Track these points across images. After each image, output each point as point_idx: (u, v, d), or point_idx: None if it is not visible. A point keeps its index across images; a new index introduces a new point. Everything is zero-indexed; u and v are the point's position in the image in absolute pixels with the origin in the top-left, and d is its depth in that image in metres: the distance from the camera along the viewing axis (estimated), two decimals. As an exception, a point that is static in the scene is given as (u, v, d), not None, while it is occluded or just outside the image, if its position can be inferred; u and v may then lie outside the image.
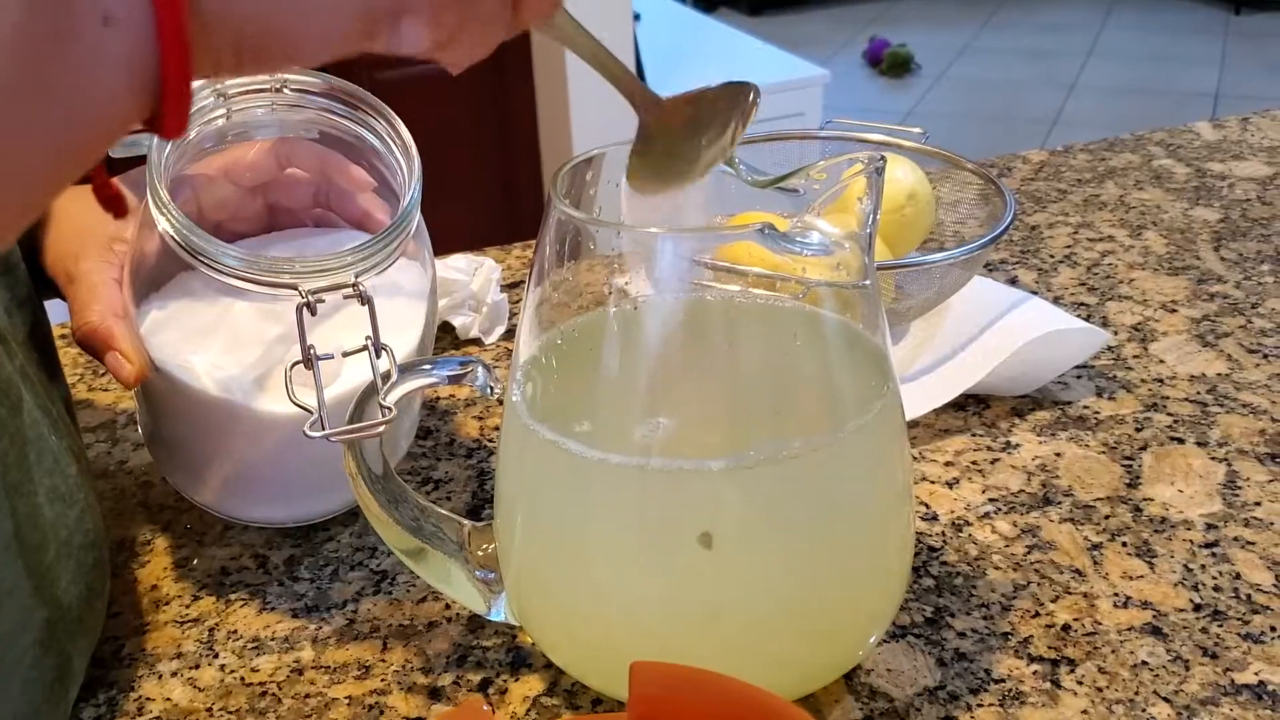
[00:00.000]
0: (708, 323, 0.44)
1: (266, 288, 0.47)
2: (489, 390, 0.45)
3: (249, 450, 0.53)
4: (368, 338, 0.45)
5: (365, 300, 0.46)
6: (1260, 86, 3.75)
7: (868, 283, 0.43)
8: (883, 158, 0.43)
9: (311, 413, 0.44)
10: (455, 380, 0.45)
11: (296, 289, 0.45)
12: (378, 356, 0.45)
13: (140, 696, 0.48)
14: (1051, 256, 0.82)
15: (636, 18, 3.52)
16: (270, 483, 0.55)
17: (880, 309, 0.45)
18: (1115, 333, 0.71)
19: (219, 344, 0.51)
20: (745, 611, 0.42)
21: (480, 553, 0.48)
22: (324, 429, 0.43)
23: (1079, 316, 0.72)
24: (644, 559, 0.42)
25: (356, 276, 0.46)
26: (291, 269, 0.46)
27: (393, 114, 0.52)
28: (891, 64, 4.06)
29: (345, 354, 0.46)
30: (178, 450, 0.56)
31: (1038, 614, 0.50)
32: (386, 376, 0.44)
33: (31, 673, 0.42)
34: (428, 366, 0.45)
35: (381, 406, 0.44)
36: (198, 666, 0.49)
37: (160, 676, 0.49)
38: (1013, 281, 0.78)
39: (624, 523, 0.42)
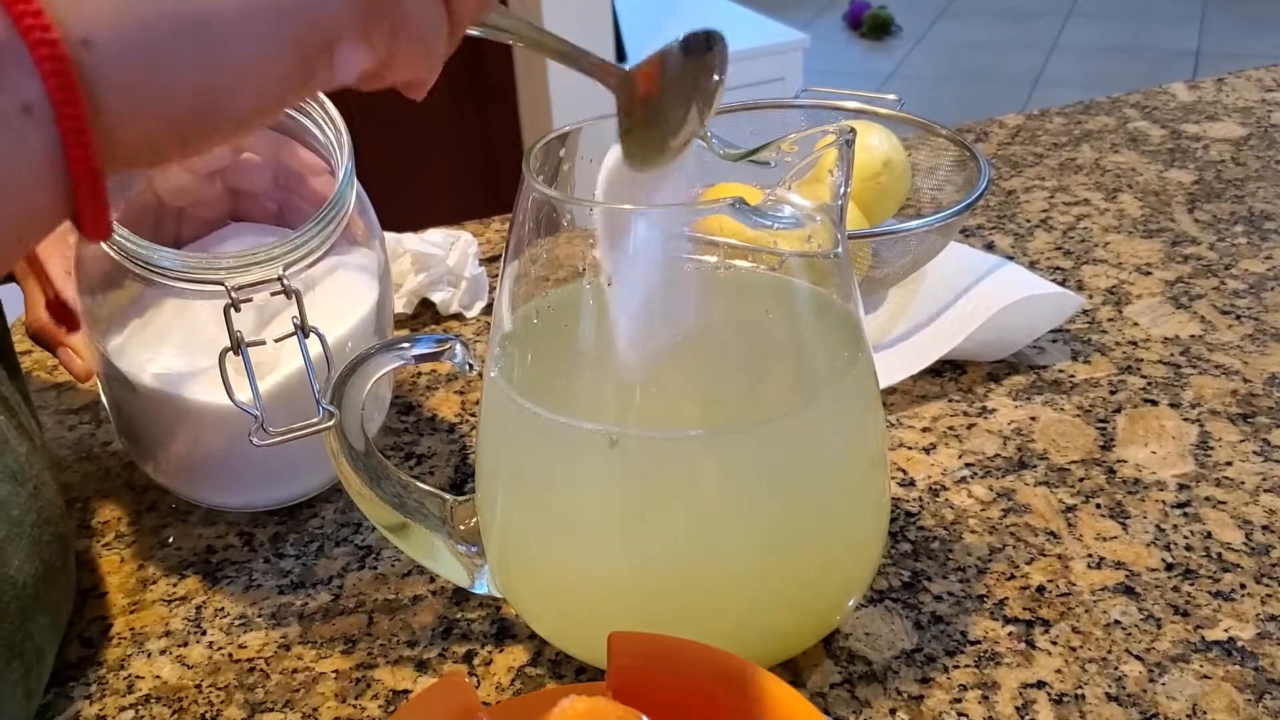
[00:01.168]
0: (682, 294, 0.45)
1: (196, 284, 0.47)
2: (467, 367, 0.45)
3: (207, 441, 0.53)
4: (294, 319, 0.45)
5: (290, 293, 0.46)
6: (1241, 43, 3.75)
7: (839, 252, 0.44)
8: (852, 130, 0.44)
9: (253, 414, 0.44)
10: (433, 358, 0.45)
11: (223, 285, 0.45)
12: (305, 338, 0.45)
13: (130, 675, 0.48)
14: (1028, 221, 0.82)
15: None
16: (235, 472, 0.55)
17: (853, 279, 0.46)
18: (1090, 296, 0.72)
19: (166, 338, 0.52)
20: (724, 579, 0.43)
21: (463, 527, 0.48)
22: (265, 432, 0.44)
23: (1055, 281, 0.73)
24: (622, 528, 0.43)
25: (285, 269, 0.46)
26: (218, 266, 0.46)
27: (321, 95, 0.52)
28: (872, 26, 4.04)
29: (277, 340, 0.47)
30: (141, 441, 0.56)
31: (1013, 576, 0.51)
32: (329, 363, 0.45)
33: None
34: (405, 345, 0.45)
35: (321, 406, 0.44)
36: (186, 644, 0.50)
37: (149, 655, 0.49)
38: (989, 247, 0.79)
39: (602, 492, 0.43)
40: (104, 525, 0.57)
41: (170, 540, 0.56)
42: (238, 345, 0.45)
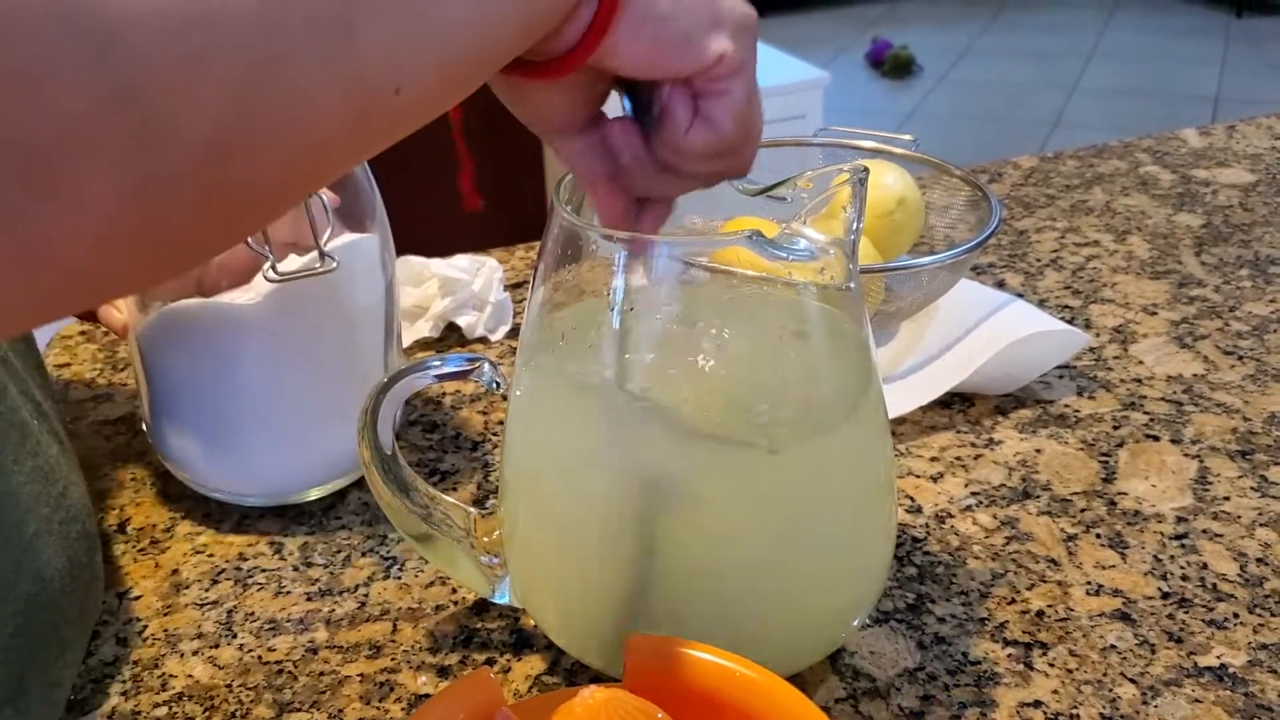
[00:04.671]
0: (701, 320, 0.47)
1: None
2: (494, 385, 0.47)
3: (222, 356, 0.57)
4: None
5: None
6: (1261, 89, 3.77)
7: (852, 285, 0.46)
8: (865, 169, 0.46)
9: (265, 254, 0.53)
10: (462, 376, 0.48)
11: None
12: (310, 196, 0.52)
13: (164, 673, 0.51)
14: (1038, 260, 0.84)
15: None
16: (238, 437, 0.59)
17: (864, 310, 0.48)
18: (1097, 334, 0.74)
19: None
20: (735, 594, 0.45)
21: (485, 539, 0.50)
22: (275, 271, 0.53)
23: (1063, 319, 0.75)
24: (637, 542, 0.45)
25: None
26: None
27: None
28: (893, 65, 4.09)
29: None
30: (158, 405, 0.60)
31: (1014, 600, 0.53)
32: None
33: (14, 640, 0.45)
34: (436, 364, 0.48)
35: (323, 254, 0.53)
36: (217, 646, 0.52)
37: (182, 655, 0.52)
38: (1000, 285, 0.81)
39: (619, 508, 0.45)
40: (139, 532, 0.60)
41: (205, 548, 0.58)
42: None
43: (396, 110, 0.31)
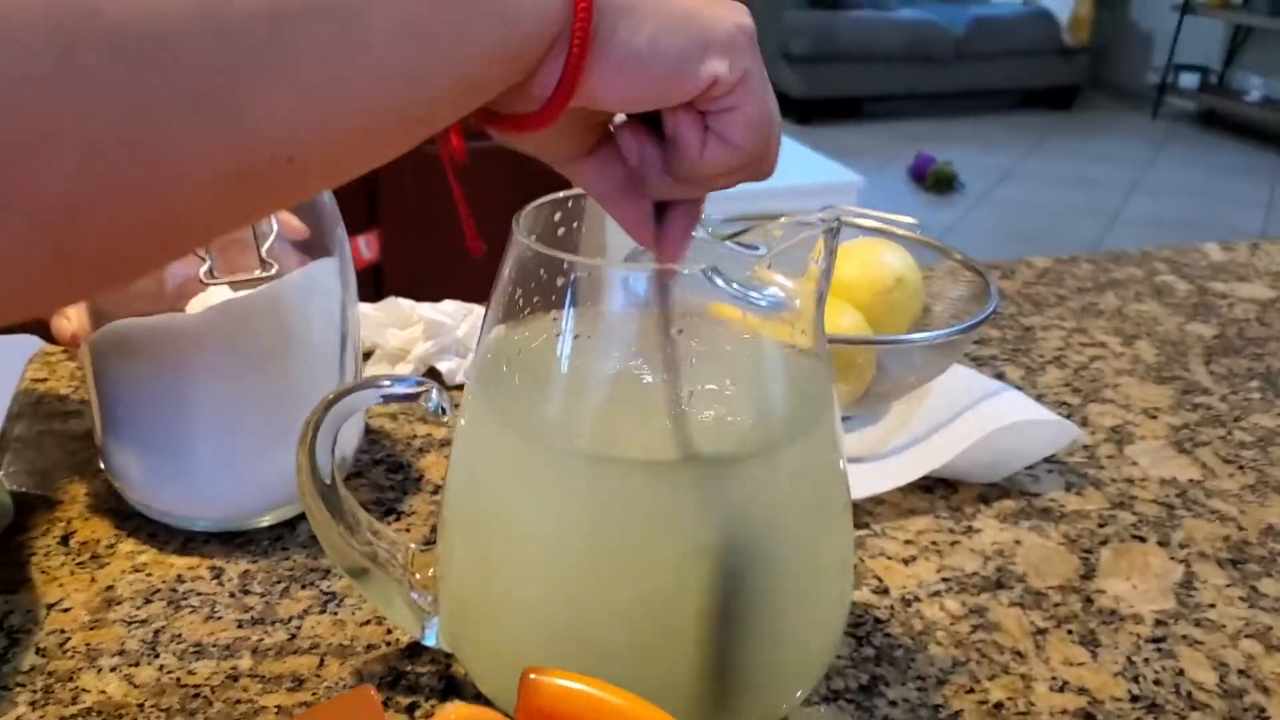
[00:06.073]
0: (655, 353, 0.45)
1: None
2: (440, 411, 0.46)
3: (165, 372, 0.56)
4: None
5: None
6: (1307, 231, 3.76)
7: (820, 350, 0.45)
8: (838, 219, 0.45)
9: (203, 258, 0.52)
10: (410, 399, 0.46)
11: None
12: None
13: (77, 687, 0.49)
14: (1041, 357, 0.82)
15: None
16: (185, 458, 0.57)
17: (830, 369, 0.46)
18: (1093, 433, 0.71)
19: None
20: (670, 643, 0.43)
21: (419, 576, 0.48)
22: (212, 274, 0.52)
23: (1060, 415, 0.73)
24: (570, 582, 0.43)
25: None
26: None
27: None
28: (935, 180, 4.11)
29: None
30: (106, 434, 0.59)
31: (972, 690, 0.50)
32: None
33: None
34: (386, 382, 0.46)
35: (263, 261, 0.53)
36: (137, 664, 0.50)
37: (100, 670, 0.50)
38: (999, 377, 0.79)
39: (553, 549, 0.43)
40: (82, 545, 0.58)
41: (144, 567, 0.57)
42: None
43: (290, 178, 0.30)
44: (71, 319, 0.57)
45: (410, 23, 0.30)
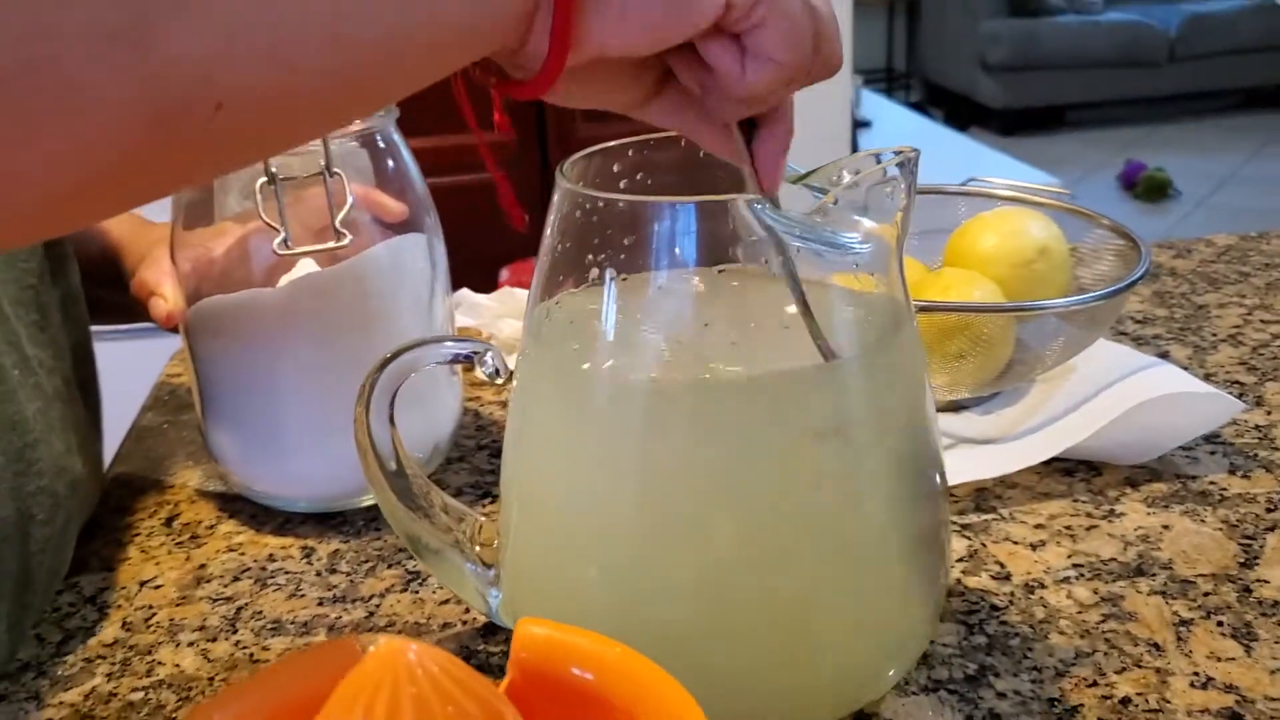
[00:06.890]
0: (717, 301, 0.42)
1: None
2: (495, 373, 0.44)
3: (256, 346, 0.55)
4: (320, 161, 0.52)
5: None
6: None
7: (897, 297, 0.41)
8: (916, 151, 0.41)
9: (277, 229, 0.51)
10: (466, 359, 0.44)
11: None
12: (331, 177, 0.52)
13: (153, 660, 0.48)
14: (1214, 335, 0.74)
15: (865, 124, 3.52)
16: (277, 435, 0.57)
17: (912, 319, 0.42)
18: (1269, 412, 0.64)
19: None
20: (738, 607, 0.39)
21: (478, 548, 0.46)
22: (287, 245, 0.51)
23: (1230, 394, 0.65)
24: (633, 547, 0.40)
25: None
26: None
27: None
28: (1147, 188, 3.88)
29: (304, 177, 0.52)
30: (207, 394, 0.59)
31: (1095, 683, 0.44)
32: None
33: None
34: (441, 345, 0.45)
35: (335, 230, 0.52)
36: (215, 639, 0.50)
37: (178, 645, 0.49)
38: (1164, 356, 0.71)
39: (618, 514, 0.40)
40: (184, 526, 0.59)
41: (239, 547, 0.57)
42: (272, 178, 0.51)
43: (225, 129, 0.28)
44: (168, 298, 0.58)
45: None
